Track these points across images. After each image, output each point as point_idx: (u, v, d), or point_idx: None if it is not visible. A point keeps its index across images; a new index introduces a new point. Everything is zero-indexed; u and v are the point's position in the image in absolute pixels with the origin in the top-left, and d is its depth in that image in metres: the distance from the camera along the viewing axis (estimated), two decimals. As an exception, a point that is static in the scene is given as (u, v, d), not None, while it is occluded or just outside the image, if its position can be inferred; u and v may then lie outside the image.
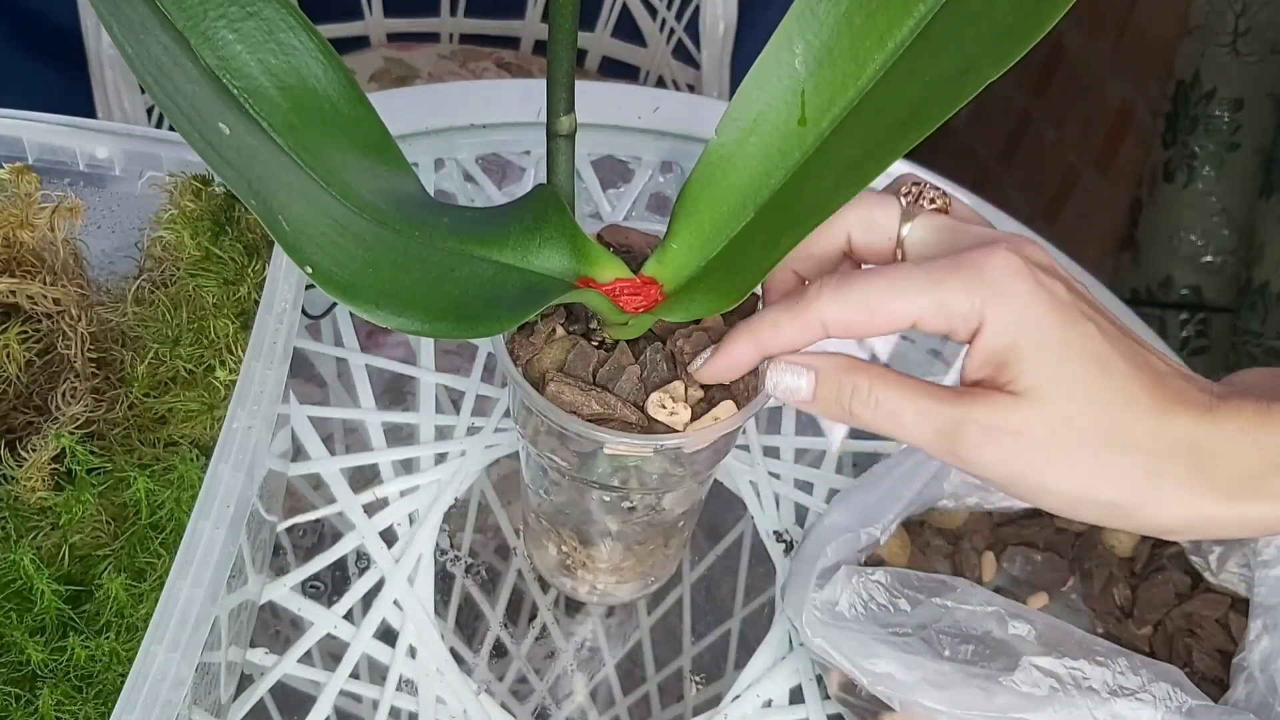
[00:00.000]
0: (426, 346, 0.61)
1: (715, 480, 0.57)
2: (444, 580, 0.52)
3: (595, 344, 0.41)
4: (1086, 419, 0.34)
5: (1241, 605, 0.51)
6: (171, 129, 0.43)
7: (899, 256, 0.37)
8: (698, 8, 1.02)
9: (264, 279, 0.43)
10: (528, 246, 0.38)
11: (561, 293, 0.37)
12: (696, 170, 0.38)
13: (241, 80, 0.35)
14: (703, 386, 0.40)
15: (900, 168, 0.48)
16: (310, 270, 0.32)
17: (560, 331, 0.41)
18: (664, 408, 0.39)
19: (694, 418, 0.39)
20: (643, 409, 0.39)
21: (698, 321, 0.41)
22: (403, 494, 0.55)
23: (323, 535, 0.53)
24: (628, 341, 0.41)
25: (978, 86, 0.32)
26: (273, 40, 0.35)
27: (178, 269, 0.45)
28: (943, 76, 0.33)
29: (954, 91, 0.32)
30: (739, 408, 0.39)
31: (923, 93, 0.33)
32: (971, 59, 0.32)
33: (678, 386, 0.39)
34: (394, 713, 0.48)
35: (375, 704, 0.48)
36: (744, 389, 0.40)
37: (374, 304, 0.33)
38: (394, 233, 0.35)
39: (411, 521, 0.54)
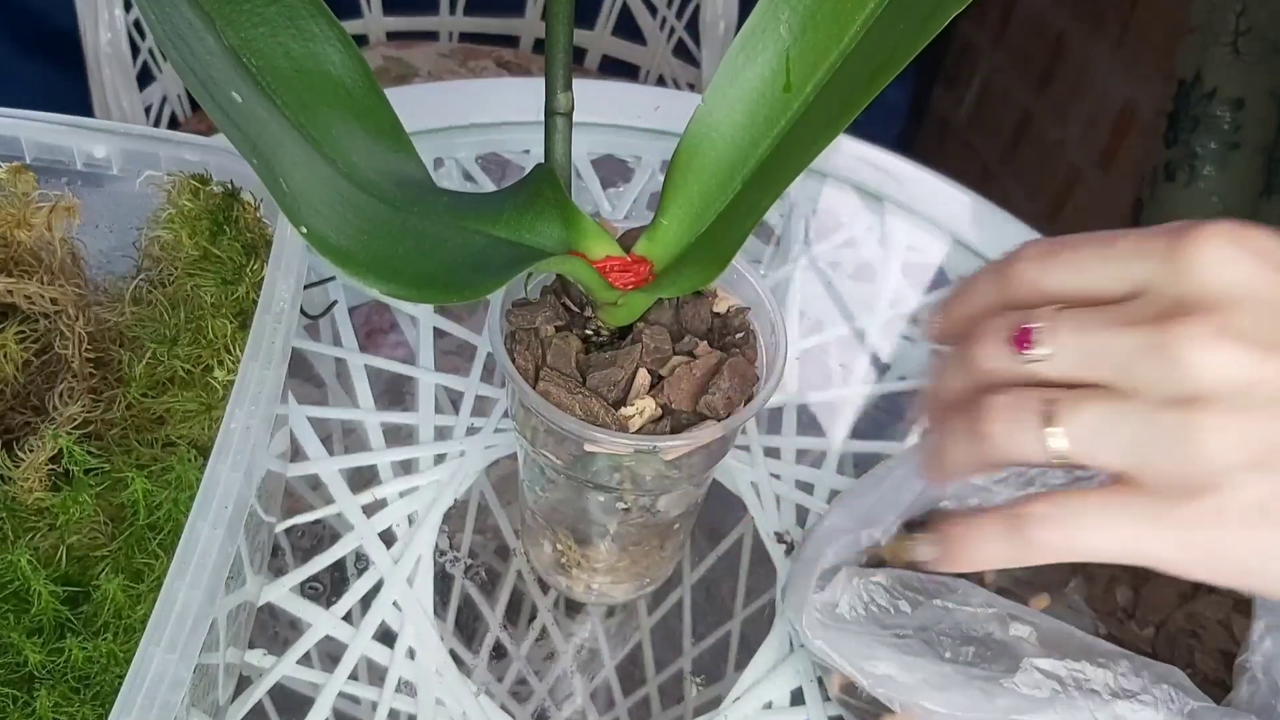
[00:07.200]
0: (426, 347, 0.61)
1: (715, 481, 0.57)
2: (443, 581, 0.52)
3: (589, 333, 0.41)
4: None
5: (1244, 606, 0.51)
6: (170, 128, 0.42)
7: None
8: (698, 6, 1.02)
9: (262, 278, 0.43)
10: (521, 220, 0.38)
11: (548, 258, 0.37)
12: (684, 140, 0.38)
13: (260, 60, 0.35)
14: (662, 403, 0.40)
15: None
16: (305, 231, 0.32)
17: (559, 330, 0.41)
18: (629, 409, 0.39)
19: (673, 429, 0.39)
20: (619, 410, 0.39)
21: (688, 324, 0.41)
22: (402, 495, 0.54)
23: (321, 536, 0.53)
24: (623, 338, 0.41)
25: (939, 26, 0.32)
26: (294, 25, 0.36)
27: (175, 269, 0.45)
28: (913, 24, 0.33)
29: (919, 35, 0.33)
30: (718, 421, 0.39)
31: (894, 44, 0.34)
32: (939, 2, 0.33)
33: (645, 384, 0.40)
34: (393, 714, 0.48)
35: (374, 706, 0.48)
36: (730, 401, 0.40)
37: (365, 269, 0.33)
38: (393, 209, 0.36)
39: (410, 522, 0.54)
